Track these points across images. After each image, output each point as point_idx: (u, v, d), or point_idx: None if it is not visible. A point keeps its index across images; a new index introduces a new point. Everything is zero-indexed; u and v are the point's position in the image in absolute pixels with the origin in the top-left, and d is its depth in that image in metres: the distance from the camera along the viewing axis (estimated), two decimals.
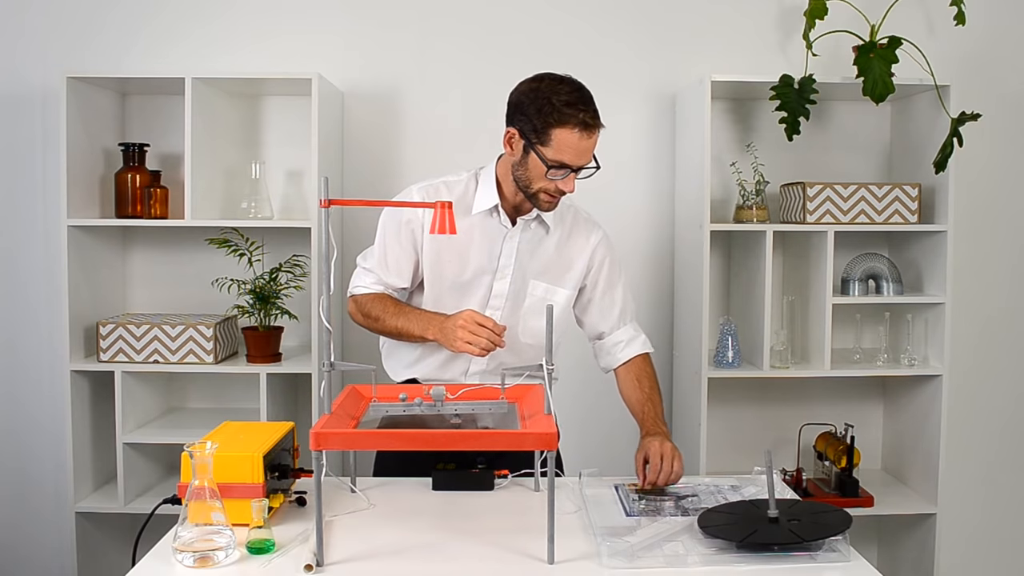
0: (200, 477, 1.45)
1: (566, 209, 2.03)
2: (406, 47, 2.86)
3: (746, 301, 2.76)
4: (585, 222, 2.05)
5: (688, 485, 1.83)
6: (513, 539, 1.54)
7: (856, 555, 1.49)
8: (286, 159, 2.84)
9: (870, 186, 2.61)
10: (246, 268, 2.63)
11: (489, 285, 1.96)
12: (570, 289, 2.01)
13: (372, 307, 1.94)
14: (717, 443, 2.83)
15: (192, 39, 2.83)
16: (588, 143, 1.80)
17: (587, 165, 1.84)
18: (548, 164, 1.80)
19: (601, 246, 2.04)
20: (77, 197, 2.58)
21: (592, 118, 1.80)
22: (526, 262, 1.97)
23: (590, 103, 1.81)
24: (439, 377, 1.99)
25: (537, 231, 1.98)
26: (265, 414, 2.58)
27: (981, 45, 2.89)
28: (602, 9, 2.87)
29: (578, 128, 1.78)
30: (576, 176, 1.84)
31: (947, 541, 2.83)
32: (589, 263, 2.02)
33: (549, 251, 1.99)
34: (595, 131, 1.81)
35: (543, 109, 1.78)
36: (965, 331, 2.93)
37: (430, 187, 1.96)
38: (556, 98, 1.78)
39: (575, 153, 1.79)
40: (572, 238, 2.02)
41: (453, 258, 1.94)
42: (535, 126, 1.79)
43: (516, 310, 1.97)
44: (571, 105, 1.78)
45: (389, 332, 1.94)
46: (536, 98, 1.80)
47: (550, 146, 1.79)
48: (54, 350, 2.84)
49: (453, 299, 1.96)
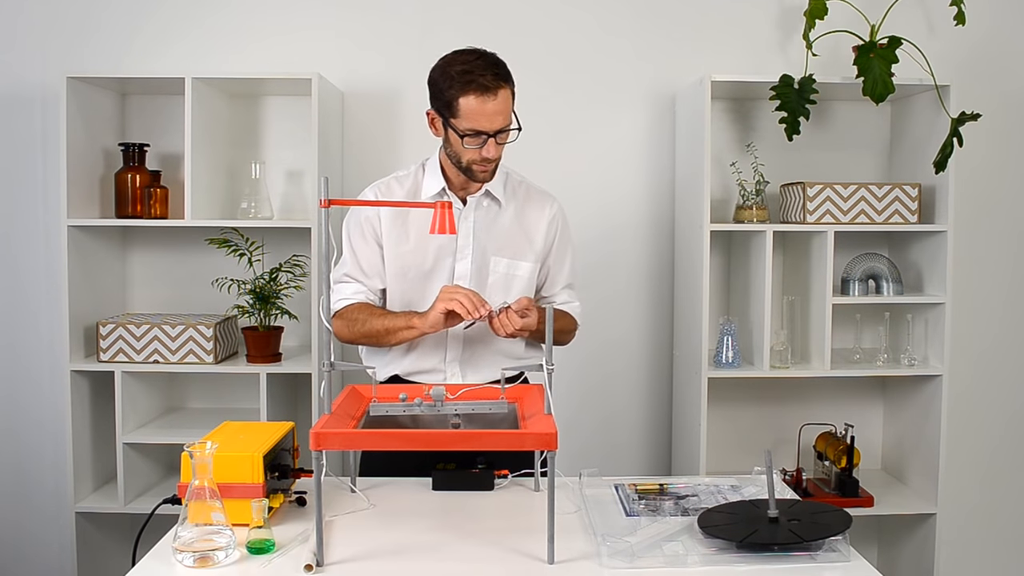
0: (200, 477, 1.45)
1: (517, 184, 2.06)
2: (406, 47, 2.86)
3: (746, 301, 2.76)
4: (539, 194, 2.07)
5: (688, 485, 1.83)
6: (513, 539, 1.54)
7: (856, 555, 1.49)
8: (286, 159, 2.85)
9: (870, 186, 2.61)
10: (246, 268, 2.63)
11: (451, 268, 1.98)
12: (532, 262, 2.03)
13: (356, 314, 1.96)
14: (717, 443, 2.83)
15: (192, 39, 2.83)
16: (493, 105, 1.81)
17: (507, 127, 1.86)
18: (462, 134, 1.84)
19: (557, 218, 2.07)
20: (77, 197, 2.58)
21: (492, 80, 1.81)
22: (484, 240, 1.99)
23: (490, 67, 1.82)
24: (419, 367, 2.01)
25: (490, 208, 2.00)
26: (265, 414, 2.58)
27: (981, 45, 2.89)
28: (601, 10, 2.87)
29: (477, 92, 1.80)
30: (499, 141, 1.86)
31: (947, 541, 2.82)
32: (549, 235, 2.05)
33: (505, 226, 2.01)
34: (497, 92, 1.81)
35: (446, 82, 1.83)
36: (965, 331, 2.93)
37: (382, 184, 2.04)
38: (453, 69, 1.82)
39: (483, 118, 1.82)
40: (527, 211, 2.04)
41: (413, 247, 1.97)
42: (444, 100, 1.84)
43: (480, 288, 1.98)
44: (468, 72, 1.81)
45: (374, 331, 1.93)
46: (441, 74, 1.85)
47: (460, 116, 1.83)
48: (54, 350, 2.84)
49: (418, 291, 1.98)
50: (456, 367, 2.01)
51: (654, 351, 2.96)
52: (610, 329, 2.93)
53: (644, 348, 2.95)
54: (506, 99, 1.84)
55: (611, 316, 2.93)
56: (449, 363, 2.01)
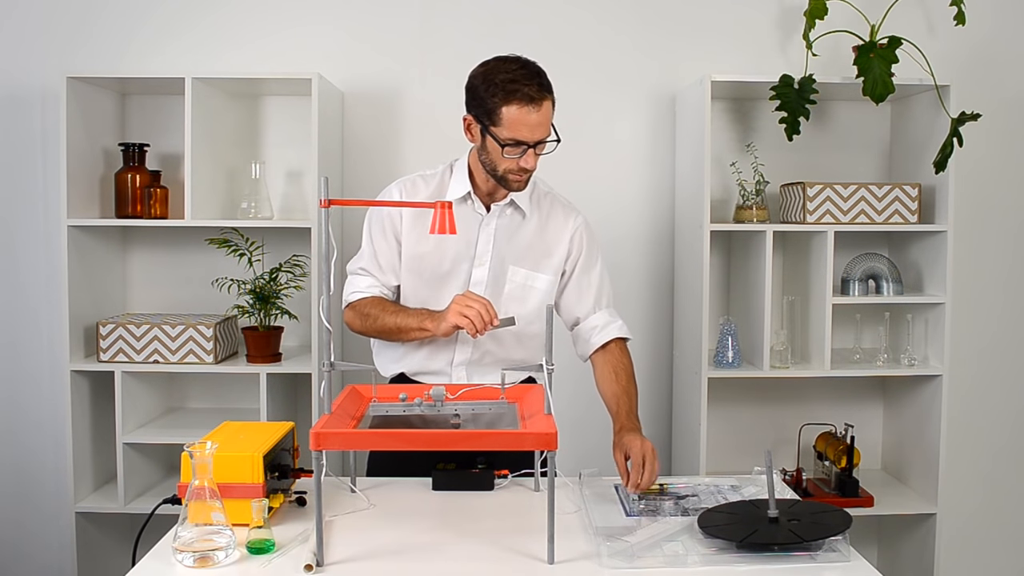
0: (200, 477, 1.45)
1: (543, 195, 2.04)
2: (406, 47, 2.86)
3: (746, 301, 2.76)
4: (563, 207, 2.05)
5: (688, 485, 1.83)
6: (513, 539, 1.55)
7: (856, 555, 1.49)
8: (286, 159, 2.84)
9: (870, 186, 2.61)
10: (246, 268, 2.63)
11: (468, 273, 1.97)
12: (551, 275, 2.01)
13: (370, 308, 1.94)
14: (717, 443, 2.83)
15: (192, 39, 2.83)
16: (537, 116, 1.80)
17: (546, 139, 1.85)
18: (502, 143, 1.82)
19: (580, 231, 2.04)
20: (77, 197, 2.58)
21: (537, 91, 1.80)
22: (504, 248, 1.97)
23: (535, 77, 1.81)
24: (426, 368, 1.99)
25: (514, 217, 1.99)
26: (265, 414, 2.57)
27: (981, 45, 2.89)
28: (601, 11, 2.87)
29: (523, 103, 1.79)
30: (537, 152, 1.84)
31: (947, 541, 2.83)
32: (569, 248, 2.03)
33: (527, 237, 1.99)
34: (541, 104, 1.80)
35: (489, 90, 1.81)
36: (965, 331, 2.93)
37: (407, 182, 2.01)
38: (499, 77, 1.80)
39: (526, 128, 1.80)
40: (550, 223, 2.02)
41: (432, 249, 1.96)
42: (485, 108, 1.82)
43: (496, 297, 1.96)
44: (513, 81, 1.79)
45: (387, 328, 1.92)
46: (483, 81, 1.83)
47: (501, 125, 1.81)
48: (54, 350, 2.84)
49: (433, 290, 1.97)
50: (463, 371, 1.99)
51: (654, 351, 2.96)
52: None
53: (644, 348, 2.95)
54: (548, 110, 1.83)
55: None
56: (456, 367, 1.99)
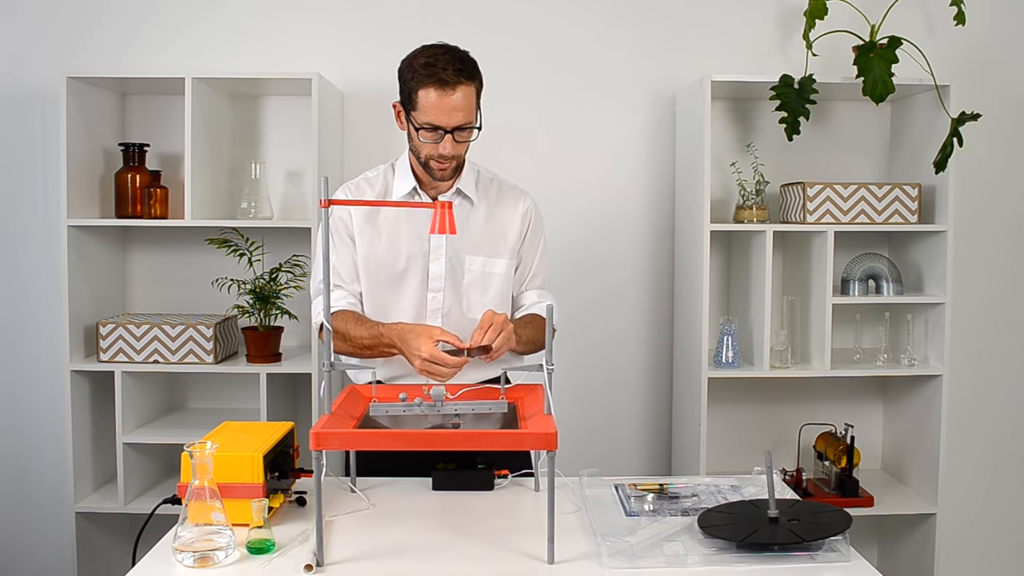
0: (200, 477, 1.45)
1: (488, 182, 2.04)
2: (406, 47, 2.80)
3: (746, 301, 2.76)
4: (512, 191, 2.05)
5: (688, 485, 1.83)
6: (513, 539, 1.54)
7: (856, 555, 1.49)
8: (286, 159, 2.85)
9: (870, 186, 2.61)
10: (246, 268, 2.63)
11: (424, 270, 1.95)
12: (507, 258, 2.00)
13: (337, 323, 1.88)
14: (717, 443, 2.83)
15: (192, 39, 2.83)
16: (450, 100, 1.79)
17: (467, 126, 1.83)
18: (417, 127, 1.82)
19: (531, 210, 2.04)
20: (77, 197, 2.58)
21: (453, 75, 1.78)
22: (457, 239, 1.96)
23: (454, 62, 1.80)
24: (401, 373, 1.94)
25: (463, 206, 1.98)
26: (265, 414, 2.58)
27: (981, 45, 2.89)
28: (601, 10, 2.87)
29: (435, 85, 1.78)
30: (457, 139, 1.83)
31: (947, 541, 2.83)
32: (522, 228, 2.02)
33: (479, 224, 1.99)
34: (456, 88, 1.79)
35: (407, 75, 1.82)
36: (965, 331, 2.93)
37: (351, 186, 2.01)
38: (418, 61, 1.81)
39: (440, 112, 1.79)
40: (499, 208, 2.01)
41: (385, 249, 1.95)
42: (407, 92, 1.83)
43: (457, 288, 1.96)
44: (430, 65, 1.79)
45: (355, 341, 1.86)
46: (407, 66, 1.84)
47: (417, 108, 1.81)
48: (54, 350, 2.84)
49: (391, 291, 1.95)
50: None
51: (654, 351, 2.96)
52: (610, 329, 2.93)
53: (644, 348, 2.95)
54: (467, 96, 1.81)
55: (611, 316, 2.93)
56: None
